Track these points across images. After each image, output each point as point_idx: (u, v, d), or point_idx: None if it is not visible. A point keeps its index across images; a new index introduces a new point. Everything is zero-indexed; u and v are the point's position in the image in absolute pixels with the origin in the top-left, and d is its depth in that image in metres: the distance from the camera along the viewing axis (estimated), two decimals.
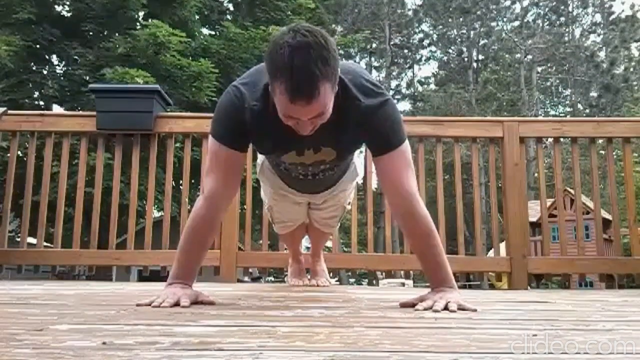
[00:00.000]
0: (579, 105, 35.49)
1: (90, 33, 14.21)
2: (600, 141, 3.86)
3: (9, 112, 3.48)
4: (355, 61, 37.94)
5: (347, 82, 1.50)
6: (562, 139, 3.51)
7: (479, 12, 35.74)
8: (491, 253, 3.63)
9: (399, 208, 1.60)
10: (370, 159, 2.99)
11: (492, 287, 13.25)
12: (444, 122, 3.53)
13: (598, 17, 36.43)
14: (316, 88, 1.31)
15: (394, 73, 38.67)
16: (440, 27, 37.96)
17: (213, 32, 16.86)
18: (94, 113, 3.41)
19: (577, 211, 3.35)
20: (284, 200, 2.09)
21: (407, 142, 1.60)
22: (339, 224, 2.42)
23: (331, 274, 2.78)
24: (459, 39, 37.62)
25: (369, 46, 34.71)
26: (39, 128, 3.42)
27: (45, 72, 14.54)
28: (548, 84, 37.24)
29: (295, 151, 1.66)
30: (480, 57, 37.35)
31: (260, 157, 2.05)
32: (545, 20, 36.16)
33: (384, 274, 4.35)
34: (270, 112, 1.46)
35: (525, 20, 35.43)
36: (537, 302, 1.86)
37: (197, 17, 15.47)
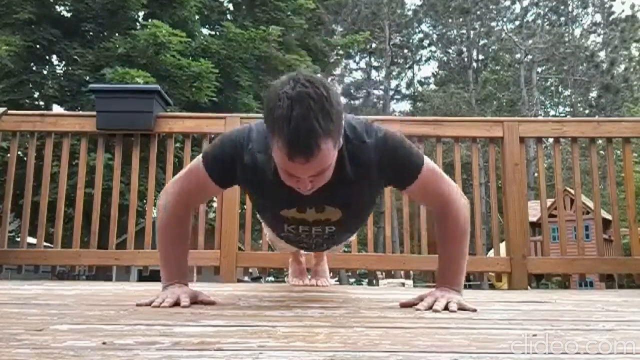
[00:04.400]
0: (579, 106, 35.48)
1: (90, 33, 14.20)
2: (600, 141, 3.85)
3: (9, 112, 3.48)
4: (355, 61, 37.98)
5: (345, 128, 1.39)
6: (562, 139, 3.51)
7: (478, 12, 35.75)
8: (491, 253, 3.62)
9: (437, 213, 1.57)
10: None
11: (492, 287, 13.24)
12: (444, 122, 3.53)
13: (598, 17, 36.44)
14: (316, 145, 1.21)
15: (394, 73, 38.69)
16: (440, 27, 37.97)
17: (213, 32, 16.85)
18: (94, 113, 3.41)
19: (577, 211, 3.35)
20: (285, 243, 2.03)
21: (426, 159, 1.51)
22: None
23: (331, 274, 2.77)
24: (459, 39, 37.62)
25: (369, 46, 34.70)
26: (39, 128, 3.42)
27: (45, 72, 14.53)
28: (548, 84, 37.24)
29: (296, 208, 1.54)
30: (480, 57, 37.37)
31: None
32: (545, 20, 36.15)
33: (383, 274, 4.35)
34: (272, 165, 1.37)
35: (525, 20, 35.44)
36: (537, 302, 1.86)
37: (197, 17, 15.45)
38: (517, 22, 35.92)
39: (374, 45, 35.80)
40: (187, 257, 1.63)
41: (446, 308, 1.40)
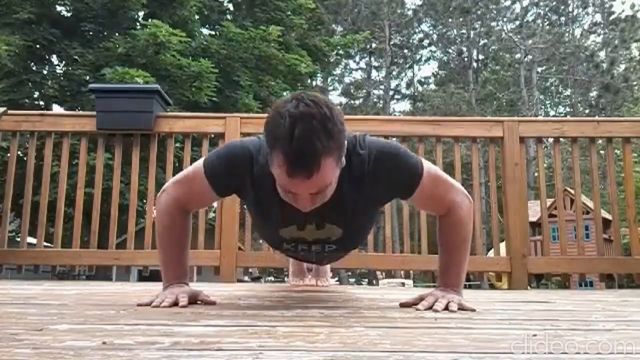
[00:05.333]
0: (579, 105, 35.48)
1: (90, 33, 14.20)
2: (600, 141, 3.86)
3: (9, 112, 3.48)
4: (355, 61, 37.98)
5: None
6: (562, 139, 3.51)
7: (479, 12, 35.75)
8: (491, 253, 3.62)
9: (442, 220, 1.56)
10: None
11: (492, 287, 13.24)
12: (444, 122, 3.53)
13: (598, 17, 36.44)
14: (317, 162, 1.21)
15: (394, 73, 38.69)
16: (440, 27, 37.97)
17: (213, 32, 16.85)
18: (94, 113, 3.41)
19: (577, 211, 3.35)
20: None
21: (424, 163, 1.49)
22: None
23: (331, 274, 2.77)
24: (459, 39, 37.63)
25: (369, 46, 34.72)
26: (39, 128, 3.42)
27: (45, 72, 14.54)
28: (548, 84, 37.26)
29: (296, 225, 1.52)
30: (480, 57, 37.38)
31: None
32: (545, 20, 36.17)
33: (383, 274, 4.35)
34: (271, 183, 1.35)
35: (525, 20, 35.44)
36: (537, 302, 1.86)
37: (197, 17, 15.46)
38: (517, 22, 35.92)
39: (374, 45, 35.81)
40: (187, 256, 1.61)
41: (446, 308, 1.41)
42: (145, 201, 8.03)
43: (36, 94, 14.17)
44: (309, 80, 18.39)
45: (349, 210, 1.47)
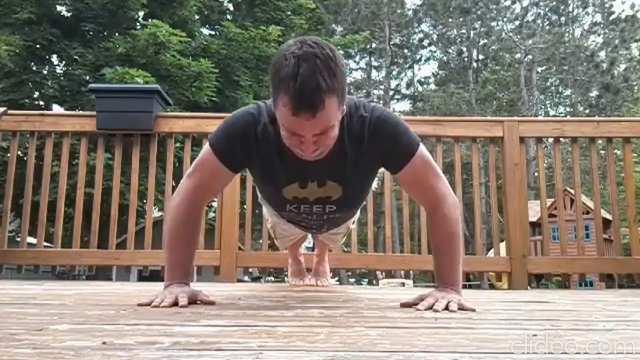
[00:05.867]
0: (579, 105, 35.49)
1: (90, 33, 14.20)
2: (600, 141, 3.86)
3: (9, 112, 3.48)
4: (355, 61, 37.98)
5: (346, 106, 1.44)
6: (562, 139, 3.51)
7: (479, 12, 35.75)
8: (491, 253, 3.63)
9: (430, 213, 1.58)
10: None
11: (492, 287, 13.24)
12: (444, 122, 3.54)
13: (598, 17, 36.44)
14: (321, 100, 1.24)
15: (394, 73, 38.69)
16: (440, 27, 37.96)
17: (213, 32, 16.85)
18: (94, 113, 3.41)
19: (577, 211, 3.35)
20: (286, 224, 2.05)
21: (421, 145, 1.54)
22: (344, 240, 2.41)
23: (331, 274, 2.78)
24: (459, 39, 37.62)
25: (368, 46, 34.71)
26: (39, 128, 3.42)
27: (45, 72, 14.52)
28: (548, 84, 37.25)
29: (299, 182, 1.56)
30: (480, 57, 37.37)
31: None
32: (545, 20, 36.16)
33: (384, 274, 4.35)
34: (277, 134, 1.40)
35: (525, 20, 35.44)
36: (537, 302, 1.86)
37: (197, 17, 15.46)
38: (517, 22, 35.92)
39: (374, 45, 35.81)
40: (192, 257, 1.63)
41: (446, 308, 1.41)
42: (145, 201, 8.03)
43: (36, 94, 14.17)
44: None
45: (348, 167, 1.50)
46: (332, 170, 1.51)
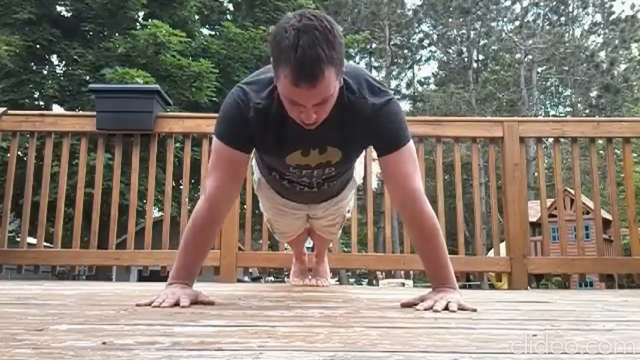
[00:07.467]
0: (579, 105, 35.48)
1: (90, 33, 14.20)
2: (600, 141, 3.86)
3: (9, 112, 3.48)
4: (355, 61, 37.97)
5: (352, 81, 1.49)
6: (562, 139, 3.51)
7: (479, 12, 35.72)
8: (491, 253, 3.62)
9: (406, 207, 1.58)
10: (370, 158, 2.99)
11: (492, 287, 13.24)
12: (444, 122, 3.54)
13: (598, 17, 36.41)
14: (321, 71, 1.28)
15: (394, 73, 38.67)
16: (440, 27, 37.94)
17: (213, 32, 16.86)
18: (94, 113, 3.41)
19: (577, 211, 3.35)
20: (283, 216, 2.08)
21: (412, 141, 1.59)
22: (340, 232, 2.41)
23: (331, 274, 2.78)
24: (459, 39, 37.60)
25: (369, 46, 34.71)
26: (39, 128, 3.42)
27: (45, 72, 14.53)
28: (548, 84, 37.22)
29: (301, 151, 1.60)
30: (480, 57, 37.36)
31: (257, 174, 1.99)
32: (545, 20, 36.14)
33: (384, 274, 4.35)
34: (275, 109, 1.46)
35: (525, 20, 35.41)
36: (537, 302, 1.86)
37: (197, 17, 15.46)
38: (517, 22, 35.89)
39: (374, 45, 35.79)
40: (202, 261, 1.65)
41: (446, 308, 1.40)
42: (145, 201, 8.03)
43: (36, 94, 14.17)
44: None
45: (345, 134, 1.56)
46: (332, 136, 1.56)
